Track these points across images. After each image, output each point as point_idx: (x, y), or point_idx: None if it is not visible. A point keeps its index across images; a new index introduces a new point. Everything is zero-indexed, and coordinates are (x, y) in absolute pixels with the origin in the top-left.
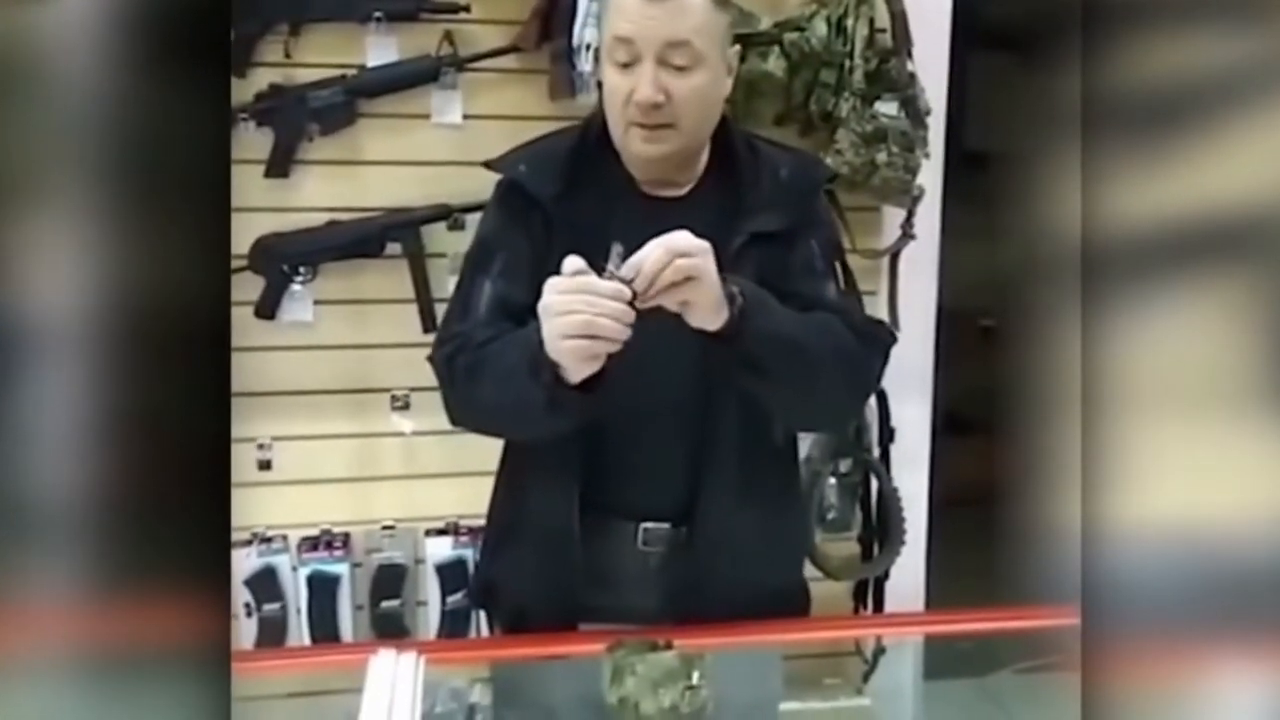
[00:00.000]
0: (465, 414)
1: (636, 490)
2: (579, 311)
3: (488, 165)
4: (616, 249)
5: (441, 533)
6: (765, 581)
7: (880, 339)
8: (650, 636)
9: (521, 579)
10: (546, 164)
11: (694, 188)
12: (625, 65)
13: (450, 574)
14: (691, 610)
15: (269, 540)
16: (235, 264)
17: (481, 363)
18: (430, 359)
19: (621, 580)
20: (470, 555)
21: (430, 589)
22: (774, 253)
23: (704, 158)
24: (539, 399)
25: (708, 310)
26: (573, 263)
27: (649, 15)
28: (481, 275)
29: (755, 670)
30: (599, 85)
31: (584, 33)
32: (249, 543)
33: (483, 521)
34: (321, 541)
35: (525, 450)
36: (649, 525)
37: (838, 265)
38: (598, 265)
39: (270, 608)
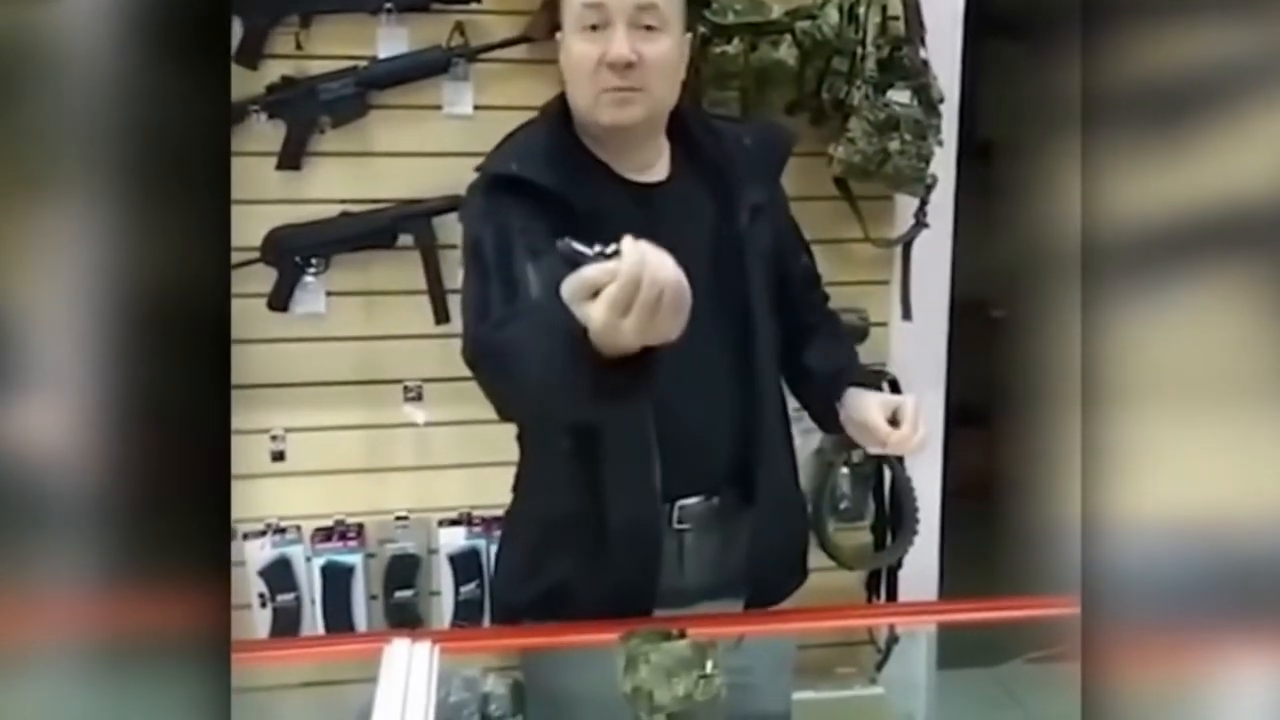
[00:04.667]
0: (511, 403)
1: (672, 468)
2: (653, 291)
3: (480, 170)
4: (565, 243)
5: (455, 523)
6: (795, 539)
7: None
8: (664, 625)
9: (602, 577)
10: (536, 157)
11: (671, 172)
12: (594, 29)
13: (463, 564)
14: (728, 582)
15: (283, 531)
16: (248, 256)
17: (518, 354)
18: (465, 357)
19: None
20: (483, 545)
21: (444, 579)
22: (771, 227)
23: (664, 140)
24: (584, 388)
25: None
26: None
27: None
28: (518, 259)
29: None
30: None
31: None
32: (263, 533)
33: (496, 512)
34: (335, 532)
35: (590, 441)
36: (684, 503)
37: None
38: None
39: (284, 598)
